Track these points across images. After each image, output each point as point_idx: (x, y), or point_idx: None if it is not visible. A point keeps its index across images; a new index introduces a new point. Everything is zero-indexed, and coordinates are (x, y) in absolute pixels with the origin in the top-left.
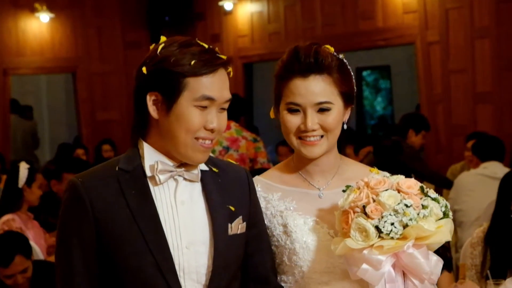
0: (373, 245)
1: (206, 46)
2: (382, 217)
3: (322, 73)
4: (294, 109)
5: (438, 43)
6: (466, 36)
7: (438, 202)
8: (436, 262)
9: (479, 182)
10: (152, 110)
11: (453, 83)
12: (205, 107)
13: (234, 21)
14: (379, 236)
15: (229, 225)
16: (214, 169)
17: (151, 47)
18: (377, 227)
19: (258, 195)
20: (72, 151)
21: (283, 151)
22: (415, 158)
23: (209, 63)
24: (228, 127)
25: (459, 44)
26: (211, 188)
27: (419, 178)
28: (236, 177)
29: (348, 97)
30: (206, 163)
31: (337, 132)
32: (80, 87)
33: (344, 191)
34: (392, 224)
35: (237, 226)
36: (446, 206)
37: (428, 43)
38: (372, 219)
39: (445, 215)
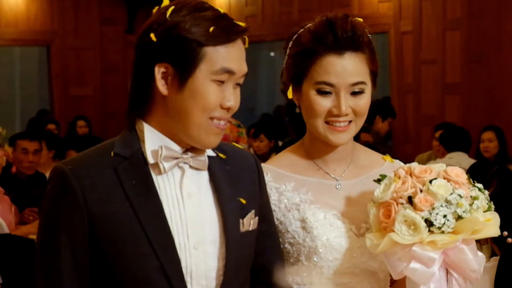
0: (423, 240)
1: (222, 10)
2: (433, 208)
3: (357, 50)
4: (325, 90)
5: (411, 33)
6: (438, 28)
7: (483, 193)
8: (483, 259)
9: None
10: (161, 84)
11: (423, 74)
12: (222, 82)
13: (211, 2)
14: (429, 230)
15: (241, 220)
16: (221, 155)
17: (154, 10)
18: (427, 220)
19: (269, 186)
20: (43, 125)
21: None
22: (380, 144)
23: (229, 30)
24: None
25: (431, 35)
26: (219, 177)
27: None
28: (244, 163)
29: (375, 77)
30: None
31: (365, 117)
32: (54, 61)
33: (378, 180)
34: (445, 216)
35: (249, 222)
36: (488, 198)
37: (401, 33)
38: (421, 211)
39: (489, 207)
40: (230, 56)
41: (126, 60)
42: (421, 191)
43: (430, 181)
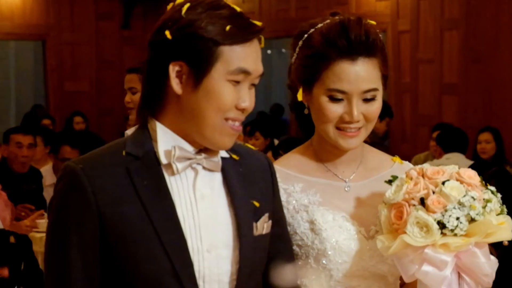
0: (435, 242)
1: (238, 9)
2: (445, 210)
3: (370, 55)
4: (337, 97)
5: (408, 32)
6: (435, 27)
7: (496, 196)
8: (495, 263)
9: None
10: (175, 83)
11: (421, 73)
12: (237, 82)
13: None
14: (441, 233)
15: (254, 224)
16: (234, 156)
17: (169, 7)
18: (439, 222)
19: None
20: (37, 120)
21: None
22: (377, 144)
23: (246, 29)
24: None
25: (429, 35)
26: (232, 179)
27: None
28: (258, 165)
29: (386, 80)
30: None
31: (375, 121)
32: (49, 56)
33: (389, 181)
34: (458, 218)
35: (263, 225)
36: (500, 201)
37: (398, 32)
38: (434, 212)
39: (502, 210)
40: (246, 56)
41: (122, 56)
42: (433, 192)
43: (443, 183)
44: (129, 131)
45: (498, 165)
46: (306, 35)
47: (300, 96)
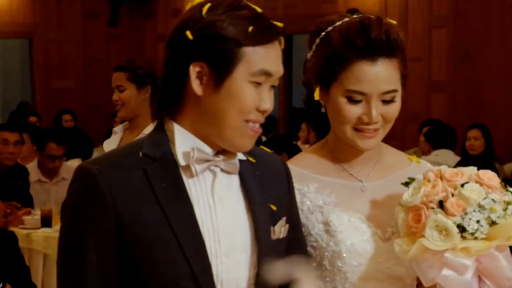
0: (455, 246)
1: (259, 9)
2: (465, 213)
3: (391, 56)
4: (356, 99)
5: None
6: (424, 25)
7: None
8: None
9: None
10: (196, 84)
11: (409, 71)
12: (259, 84)
13: None
14: (461, 236)
15: (272, 228)
16: (251, 159)
17: (188, 7)
18: (459, 225)
19: None
20: (24, 118)
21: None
22: None
23: (268, 30)
24: None
25: (417, 32)
26: (250, 182)
27: None
28: (274, 168)
29: (405, 80)
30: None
31: (393, 121)
32: (36, 54)
33: (406, 184)
34: (478, 222)
35: (280, 229)
36: None
37: None
38: (453, 215)
39: None
40: (268, 57)
41: (108, 53)
42: (452, 195)
43: (462, 185)
44: (116, 129)
45: (485, 161)
46: (323, 33)
47: (317, 95)
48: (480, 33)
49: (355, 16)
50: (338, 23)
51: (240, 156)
